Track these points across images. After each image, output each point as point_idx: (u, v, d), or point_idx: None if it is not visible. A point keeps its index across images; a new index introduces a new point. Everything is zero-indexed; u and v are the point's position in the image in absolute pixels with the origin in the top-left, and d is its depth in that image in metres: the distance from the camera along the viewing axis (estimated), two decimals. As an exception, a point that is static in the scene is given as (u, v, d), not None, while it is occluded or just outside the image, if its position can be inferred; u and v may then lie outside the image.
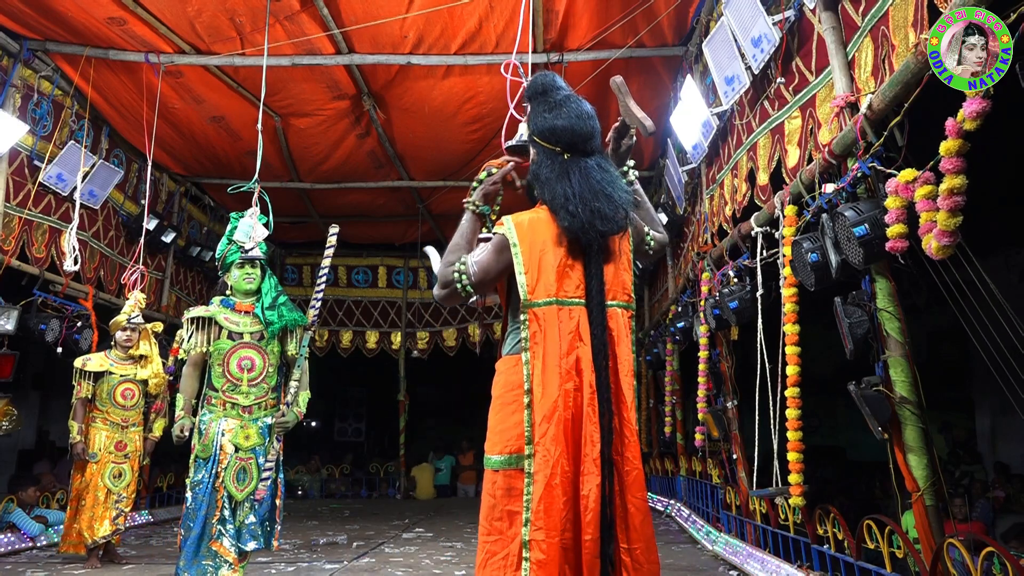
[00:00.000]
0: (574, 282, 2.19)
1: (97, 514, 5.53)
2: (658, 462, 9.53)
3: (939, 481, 3.21)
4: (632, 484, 2.12)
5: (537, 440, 2.07)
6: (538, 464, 2.06)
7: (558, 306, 2.17)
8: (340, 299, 12.48)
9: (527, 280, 2.17)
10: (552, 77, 2.39)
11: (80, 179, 6.96)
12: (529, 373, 2.12)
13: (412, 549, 6.33)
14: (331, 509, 10.17)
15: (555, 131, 2.26)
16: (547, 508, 2.03)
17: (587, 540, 2.03)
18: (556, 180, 2.22)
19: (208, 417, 3.95)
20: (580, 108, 2.30)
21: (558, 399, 2.10)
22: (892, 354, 3.32)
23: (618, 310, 2.23)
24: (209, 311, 4.04)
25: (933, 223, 2.75)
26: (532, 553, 2.01)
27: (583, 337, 2.15)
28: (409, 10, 6.00)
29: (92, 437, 5.65)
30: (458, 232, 2.37)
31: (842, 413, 12.11)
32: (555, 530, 2.02)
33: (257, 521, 3.92)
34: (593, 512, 2.04)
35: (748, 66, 4.80)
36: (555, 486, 2.05)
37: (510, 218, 2.25)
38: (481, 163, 2.56)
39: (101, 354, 5.84)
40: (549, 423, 2.08)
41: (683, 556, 5.87)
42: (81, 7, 5.93)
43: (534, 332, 2.15)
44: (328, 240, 4.10)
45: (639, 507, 2.12)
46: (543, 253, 2.19)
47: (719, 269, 5.77)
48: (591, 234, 2.16)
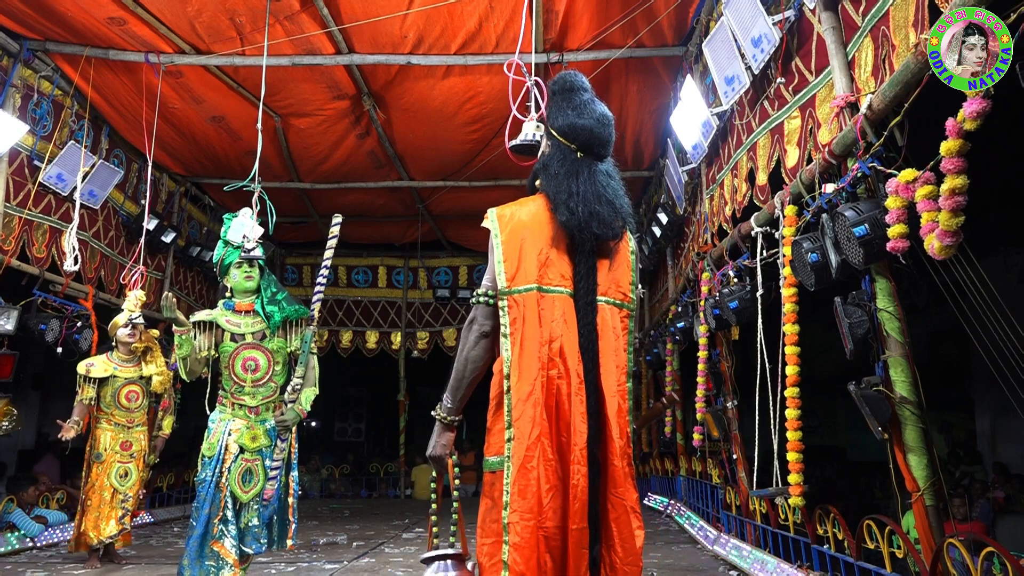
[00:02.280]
0: (559, 271, 2.20)
1: (103, 514, 5.53)
2: (658, 462, 9.53)
3: (939, 481, 3.21)
4: (610, 480, 2.11)
5: (514, 422, 2.07)
6: (514, 447, 2.06)
7: (539, 293, 2.17)
8: (340, 299, 12.48)
9: (505, 268, 2.18)
10: (580, 77, 2.41)
11: (80, 179, 6.95)
12: (508, 358, 2.13)
13: (412, 549, 6.33)
14: (331, 509, 10.18)
15: (575, 129, 2.29)
16: (520, 491, 2.02)
17: (572, 530, 2.02)
18: (564, 176, 2.25)
19: (218, 417, 3.96)
20: (602, 112, 2.34)
21: (536, 381, 2.09)
22: (892, 354, 3.32)
23: (608, 306, 2.23)
24: (208, 315, 4.02)
25: (935, 223, 2.75)
26: (509, 536, 2.01)
27: (568, 325, 2.15)
28: (409, 10, 6.00)
29: (98, 437, 5.65)
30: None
31: (842, 413, 12.14)
32: (530, 513, 2.01)
33: (261, 524, 3.89)
34: (581, 502, 2.03)
35: (748, 66, 4.80)
36: (530, 468, 2.04)
37: (494, 210, 2.27)
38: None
39: (103, 357, 5.80)
40: (525, 404, 2.08)
41: (683, 556, 5.87)
42: (81, 7, 5.93)
43: (514, 318, 2.16)
44: (331, 231, 4.04)
45: (615, 504, 2.10)
46: (524, 241, 2.20)
47: (719, 269, 5.77)
48: (585, 233, 2.18)
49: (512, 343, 2.14)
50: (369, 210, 10.67)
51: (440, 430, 2.27)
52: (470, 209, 10.26)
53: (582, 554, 2.02)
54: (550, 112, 2.38)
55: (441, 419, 2.26)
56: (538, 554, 2.02)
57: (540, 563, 2.02)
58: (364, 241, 12.29)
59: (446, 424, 2.26)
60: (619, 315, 2.26)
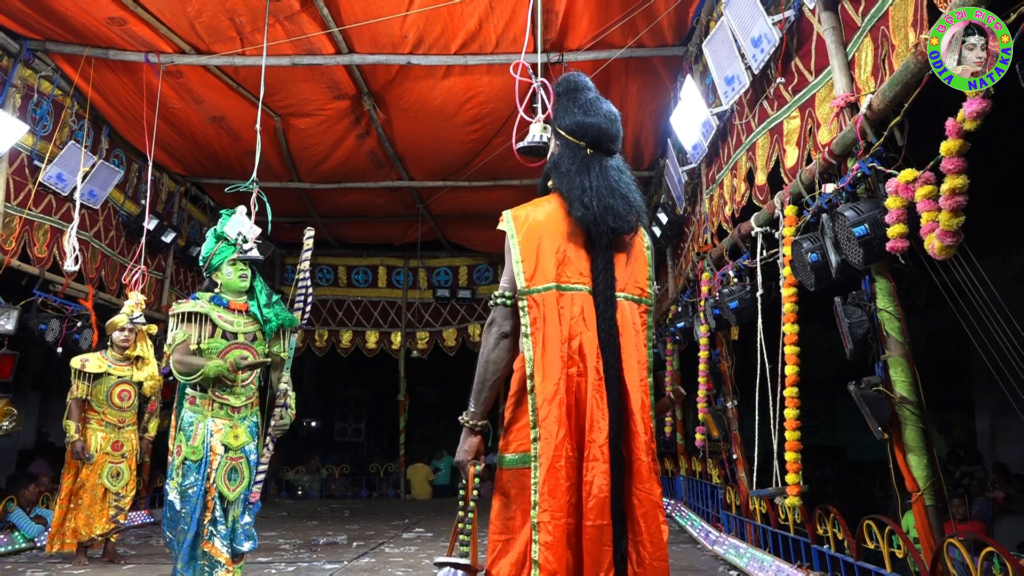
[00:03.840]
0: (576, 269, 2.20)
1: (95, 512, 5.53)
2: (658, 462, 9.52)
3: (939, 481, 3.21)
4: (635, 475, 2.11)
5: (540, 423, 2.07)
6: (542, 447, 2.06)
7: (558, 291, 2.17)
8: (340, 299, 12.48)
9: (523, 268, 2.18)
10: (583, 77, 2.44)
11: (80, 179, 6.95)
12: (531, 358, 2.13)
13: (412, 549, 6.33)
14: (331, 509, 10.17)
15: (583, 127, 2.30)
16: (551, 490, 2.03)
17: (588, 526, 2.02)
18: (576, 173, 2.25)
19: (194, 418, 3.81)
20: (609, 109, 2.36)
21: (560, 382, 2.10)
22: (892, 354, 3.32)
23: (627, 302, 2.23)
24: (202, 307, 3.88)
25: (935, 223, 2.75)
26: (540, 535, 2.01)
27: (587, 322, 2.16)
28: (409, 10, 6.00)
29: (88, 438, 5.62)
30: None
31: (842, 413, 12.14)
32: (560, 511, 2.02)
33: (252, 521, 3.89)
34: (596, 499, 2.02)
35: (748, 66, 4.80)
36: (559, 468, 2.04)
37: (508, 212, 2.28)
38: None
39: (98, 354, 5.81)
40: (551, 405, 2.08)
41: (683, 556, 5.87)
42: (81, 7, 5.93)
43: (535, 318, 2.15)
44: (304, 244, 3.97)
45: (642, 499, 2.10)
46: (541, 240, 2.21)
47: (719, 269, 5.77)
48: (601, 227, 2.19)
49: (534, 343, 2.14)
50: (369, 210, 10.67)
51: (465, 435, 2.26)
52: (470, 209, 10.26)
53: (603, 551, 2.01)
54: (557, 113, 2.40)
55: (465, 424, 2.26)
56: (565, 552, 2.02)
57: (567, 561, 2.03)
58: (364, 241, 12.30)
59: (471, 429, 2.25)
60: (638, 310, 2.26)
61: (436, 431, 14.67)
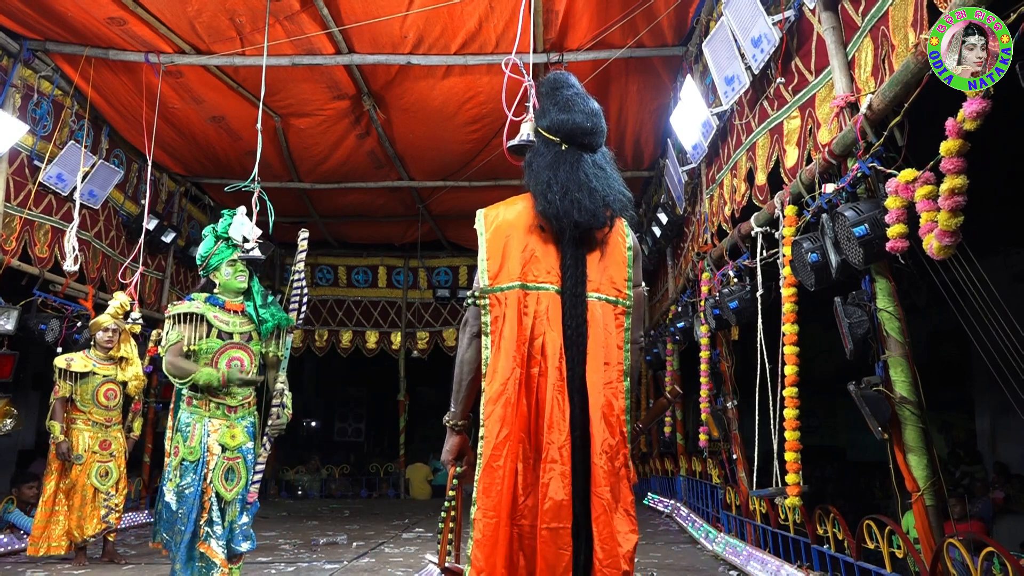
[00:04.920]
0: (544, 267, 2.17)
1: (86, 513, 5.50)
2: (658, 462, 9.53)
3: (939, 481, 3.21)
4: (593, 478, 2.05)
5: (483, 422, 2.07)
6: (483, 446, 2.06)
7: (523, 290, 2.15)
8: (340, 299, 12.47)
9: (488, 266, 2.17)
10: (565, 75, 2.40)
11: (80, 179, 6.95)
12: (486, 357, 2.13)
13: (412, 549, 6.33)
14: (331, 509, 10.17)
15: (557, 123, 2.27)
16: (486, 489, 2.03)
17: (542, 529, 2.00)
18: (545, 168, 2.23)
19: (191, 419, 3.82)
20: (585, 104, 2.31)
21: (508, 381, 2.08)
22: (892, 354, 3.32)
23: (599, 303, 2.18)
24: (199, 308, 3.90)
25: (934, 223, 2.75)
26: (473, 532, 2.02)
27: (551, 321, 2.13)
28: (409, 10, 6.00)
29: (75, 438, 5.57)
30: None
31: (842, 413, 12.16)
32: (493, 511, 2.01)
33: (250, 521, 3.88)
34: (552, 501, 2.00)
35: (748, 66, 4.80)
36: (496, 468, 2.03)
37: (481, 211, 2.29)
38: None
39: (82, 353, 5.77)
40: (494, 405, 2.07)
41: (683, 556, 5.87)
42: (81, 7, 5.93)
43: (495, 317, 2.15)
44: (299, 244, 3.99)
45: (594, 503, 2.03)
46: (509, 238, 2.19)
47: (719, 269, 5.77)
48: (564, 222, 2.15)
49: (492, 342, 2.13)
50: (369, 210, 10.67)
51: (448, 435, 2.28)
52: (470, 209, 10.08)
53: (559, 555, 1.98)
54: (537, 115, 2.38)
55: (447, 424, 2.28)
56: (510, 552, 2.02)
57: (512, 561, 2.02)
58: (364, 241, 12.29)
59: (452, 428, 2.27)
60: (613, 312, 2.20)
61: (436, 431, 14.40)
